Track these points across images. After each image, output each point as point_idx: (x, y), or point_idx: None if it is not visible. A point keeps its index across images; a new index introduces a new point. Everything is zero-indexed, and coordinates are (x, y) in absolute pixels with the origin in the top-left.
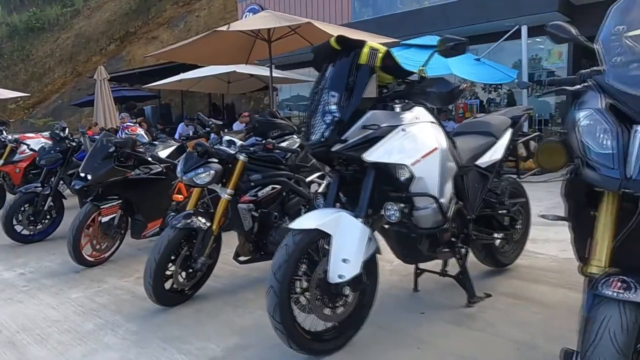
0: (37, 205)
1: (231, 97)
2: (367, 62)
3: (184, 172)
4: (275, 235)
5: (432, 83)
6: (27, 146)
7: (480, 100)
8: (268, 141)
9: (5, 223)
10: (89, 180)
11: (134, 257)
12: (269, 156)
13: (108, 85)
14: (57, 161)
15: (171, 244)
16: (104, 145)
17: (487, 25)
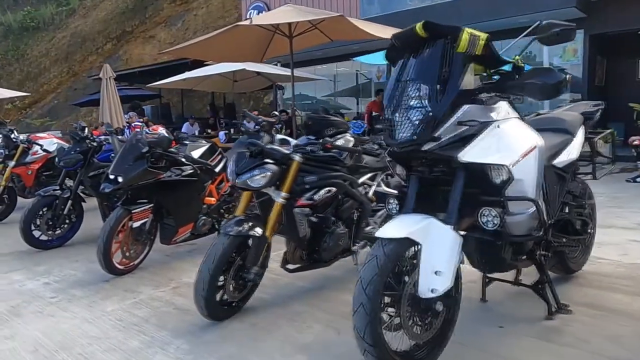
0: (56, 209)
1: (231, 96)
2: (466, 49)
3: (237, 174)
4: (329, 241)
5: (536, 74)
6: (40, 147)
7: None
8: (326, 140)
9: (24, 228)
10: (120, 182)
11: (164, 264)
12: (327, 156)
13: (114, 84)
14: (77, 162)
15: (226, 253)
16: (135, 145)
17: (501, 22)
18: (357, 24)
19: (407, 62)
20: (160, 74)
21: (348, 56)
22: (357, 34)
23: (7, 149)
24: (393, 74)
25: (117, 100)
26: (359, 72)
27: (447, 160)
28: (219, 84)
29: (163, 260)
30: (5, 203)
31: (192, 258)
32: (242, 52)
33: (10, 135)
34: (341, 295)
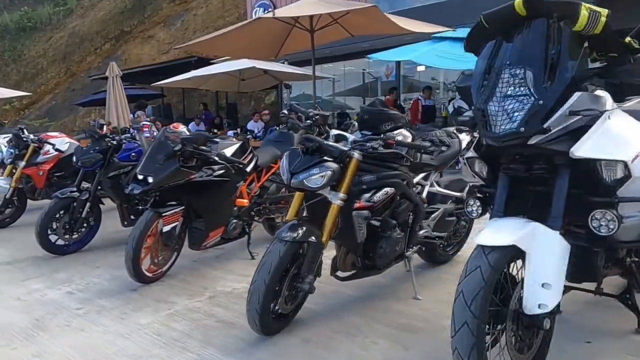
0: (74, 212)
1: (232, 96)
2: (585, 28)
3: (292, 174)
4: (386, 247)
5: None
6: (53, 146)
7: None
8: (389, 135)
9: (41, 232)
10: (150, 183)
11: (193, 271)
12: (389, 154)
13: (120, 83)
14: (97, 162)
15: (282, 261)
16: (165, 143)
17: None
18: (389, 16)
19: (501, 46)
20: (163, 74)
21: (355, 54)
22: (382, 28)
23: (17, 148)
24: (480, 60)
25: (123, 99)
26: (365, 71)
27: (551, 156)
28: (224, 83)
29: (191, 266)
30: (15, 205)
31: (222, 264)
32: (257, 48)
33: (20, 134)
34: (395, 304)
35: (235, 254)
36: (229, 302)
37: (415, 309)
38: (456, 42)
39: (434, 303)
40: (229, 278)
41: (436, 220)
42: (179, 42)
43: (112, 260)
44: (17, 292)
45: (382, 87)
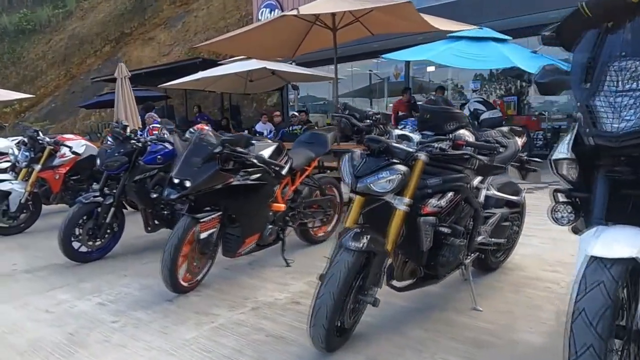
0: (98, 218)
1: (235, 97)
2: None
3: (357, 177)
4: (449, 255)
5: None
6: (70, 149)
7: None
8: (458, 135)
9: (64, 239)
10: (187, 187)
11: (228, 280)
12: (457, 155)
13: (129, 84)
14: (122, 165)
15: (351, 273)
16: (203, 145)
17: (531, 17)
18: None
19: (607, 36)
20: (167, 75)
21: (367, 55)
22: (409, 26)
23: (32, 151)
24: (579, 53)
25: (132, 100)
26: (372, 72)
27: None
28: (231, 84)
29: (224, 275)
30: (30, 210)
31: (257, 272)
32: (274, 47)
33: (36, 136)
34: (456, 316)
35: (268, 261)
36: (275, 314)
37: (479, 322)
38: (472, 42)
39: (495, 314)
40: (268, 287)
41: (493, 225)
42: (180, 44)
43: (139, 269)
44: (44, 303)
45: (390, 87)
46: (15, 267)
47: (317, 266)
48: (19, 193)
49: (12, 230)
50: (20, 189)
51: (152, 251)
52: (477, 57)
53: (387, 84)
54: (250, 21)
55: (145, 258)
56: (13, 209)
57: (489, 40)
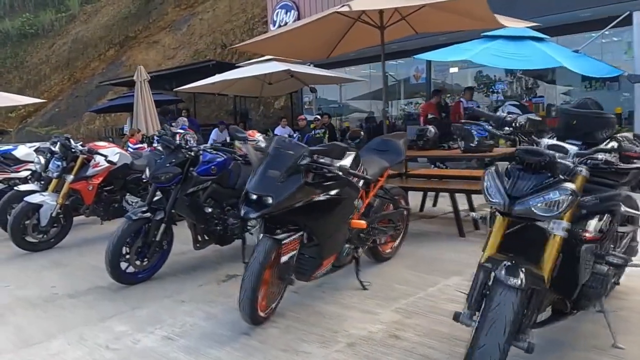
0: (147, 236)
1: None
2: None
3: (513, 198)
4: (598, 286)
5: None
6: (105, 157)
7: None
8: (625, 146)
9: (113, 261)
10: (270, 205)
11: (303, 307)
12: (625, 169)
13: (148, 87)
14: (175, 177)
15: (518, 315)
16: (285, 155)
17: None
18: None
19: None
20: (178, 78)
21: (396, 54)
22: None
23: (64, 160)
24: None
25: (152, 104)
26: (388, 74)
27: None
28: (247, 87)
29: (295, 300)
30: (60, 224)
31: (332, 296)
32: (310, 47)
33: (68, 144)
34: (598, 357)
35: (339, 283)
36: (377, 353)
37: None
38: (509, 41)
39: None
40: (354, 317)
41: (625, 246)
42: (185, 47)
43: (196, 293)
44: (102, 338)
45: (406, 89)
46: (55, 290)
47: (396, 289)
48: (50, 206)
49: (42, 246)
50: (51, 201)
51: (203, 270)
52: (518, 56)
53: (404, 85)
54: (256, 24)
55: (198, 279)
56: (44, 223)
57: (527, 39)
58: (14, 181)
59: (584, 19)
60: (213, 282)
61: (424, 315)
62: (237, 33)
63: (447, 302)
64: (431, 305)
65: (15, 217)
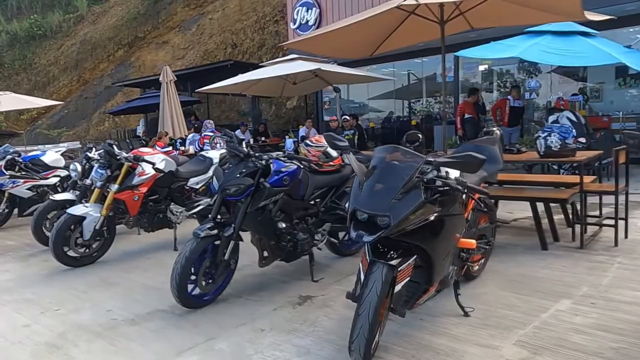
0: (216, 255)
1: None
2: None
3: None
4: None
5: None
6: (152, 165)
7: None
8: None
9: (181, 284)
10: (388, 226)
11: (405, 338)
12: None
13: (175, 88)
14: (247, 189)
15: None
16: (402, 166)
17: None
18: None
19: None
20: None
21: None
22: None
23: (109, 168)
24: None
25: (178, 106)
26: (410, 72)
27: None
28: (269, 87)
29: (392, 329)
30: (103, 237)
31: (433, 324)
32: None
33: (113, 150)
34: None
35: (432, 308)
36: None
37: None
38: (557, 37)
39: None
40: (473, 353)
41: None
42: (195, 47)
43: (275, 320)
44: None
45: (429, 87)
46: (112, 314)
47: (505, 316)
48: (93, 218)
49: (85, 261)
50: (95, 213)
51: (270, 291)
52: (571, 53)
53: (426, 84)
54: (267, 23)
55: (268, 301)
56: (87, 237)
57: (575, 35)
58: (42, 189)
59: (628, 13)
60: (287, 306)
61: (554, 351)
62: (248, 32)
63: (573, 333)
64: (557, 337)
65: (58, 230)
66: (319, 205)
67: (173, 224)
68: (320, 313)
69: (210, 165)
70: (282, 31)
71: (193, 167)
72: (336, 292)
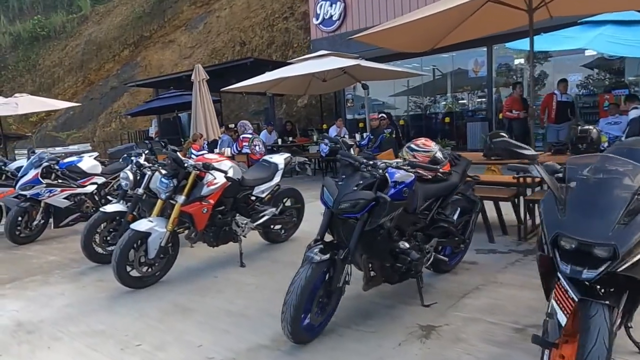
0: (331, 282)
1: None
2: None
3: None
4: None
5: None
6: (224, 173)
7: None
8: None
9: (296, 316)
10: (617, 257)
11: None
12: None
13: (207, 88)
14: (368, 204)
15: None
16: (617, 180)
17: None
18: None
19: None
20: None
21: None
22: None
23: (175, 178)
24: None
25: (211, 106)
26: (435, 68)
27: None
28: (294, 85)
29: None
30: (168, 254)
31: None
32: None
33: (180, 159)
34: None
35: None
36: None
37: None
38: (619, 26)
39: None
40: None
41: None
42: (202, 46)
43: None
44: None
45: (455, 82)
46: (206, 351)
47: None
48: (159, 234)
49: (148, 281)
50: (160, 228)
51: (380, 319)
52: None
53: (452, 79)
54: (276, 20)
55: (389, 333)
56: (152, 255)
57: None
58: (80, 197)
59: None
60: (413, 339)
61: None
62: (257, 30)
63: None
64: None
65: (122, 249)
66: (426, 218)
67: (238, 238)
68: (459, 350)
69: (275, 171)
70: (291, 28)
71: (258, 174)
72: (461, 320)
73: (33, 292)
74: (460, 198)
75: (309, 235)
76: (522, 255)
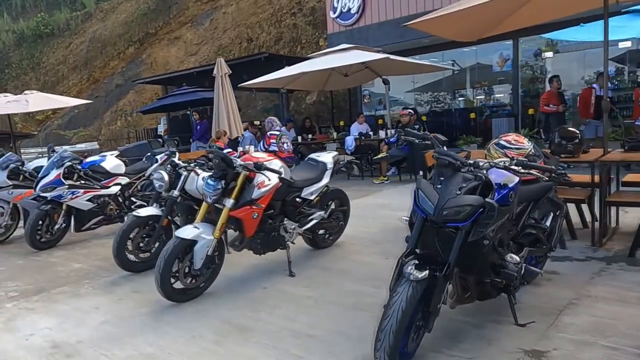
0: (430, 302)
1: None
2: None
3: None
4: None
5: None
6: (278, 174)
7: None
8: None
9: (395, 344)
10: None
11: None
12: None
13: (230, 83)
14: (476, 211)
15: None
16: None
17: None
18: None
19: None
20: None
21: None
22: None
23: (222, 180)
24: None
25: (234, 102)
26: (454, 62)
27: None
28: (312, 80)
29: None
30: (214, 263)
31: None
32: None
33: (229, 159)
34: None
35: None
36: None
37: None
38: None
39: None
40: None
41: None
42: (209, 43)
43: None
44: None
45: (474, 77)
46: None
47: None
48: (206, 242)
49: (192, 294)
50: (207, 235)
51: (471, 342)
52: None
53: (469, 74)
54: (284, 15)
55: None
56: (198, 265)
57: None
58: (103, 199)
59: None
60: None
61: None
62: (264, 26)
63: None
64: None
65: (167, 259)
66: (517, 225)
67: (286, 244)
68: None
69: (324, 171)
70: (299, 24)
71: (306, 174)
72: (570, 344)
73: (64, 305)
74: (545, 201)
75: (352, 239)
76: (605, 263)
